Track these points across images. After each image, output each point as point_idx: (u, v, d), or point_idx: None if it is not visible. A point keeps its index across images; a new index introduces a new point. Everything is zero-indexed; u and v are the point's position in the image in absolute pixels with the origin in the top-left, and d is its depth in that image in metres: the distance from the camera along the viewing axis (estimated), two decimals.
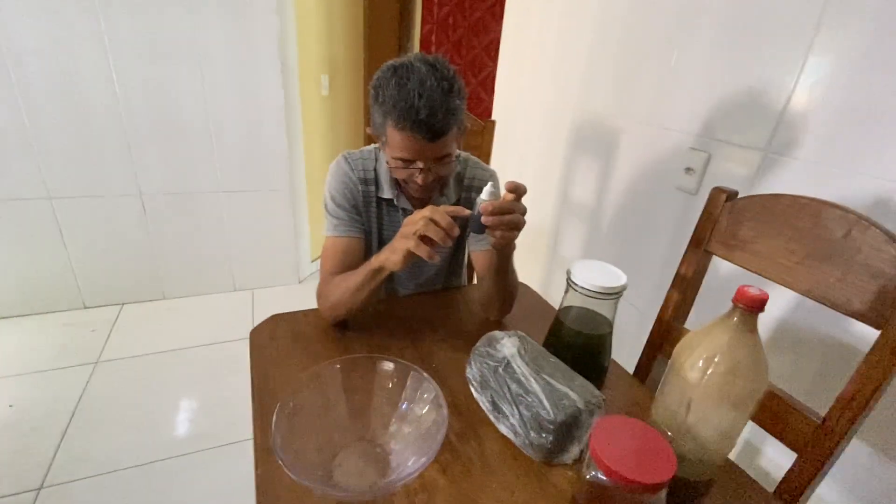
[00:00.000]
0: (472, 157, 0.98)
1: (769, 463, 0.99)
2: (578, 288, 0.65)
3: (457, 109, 0.74)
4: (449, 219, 0.64)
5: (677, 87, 1.13)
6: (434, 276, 1.04)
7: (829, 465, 0.61)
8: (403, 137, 0.74)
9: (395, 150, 0.77)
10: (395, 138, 0.75)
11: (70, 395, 1.55)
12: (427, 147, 0.75)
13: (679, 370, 0.50)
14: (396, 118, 0.72)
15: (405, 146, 0.75)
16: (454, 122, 0.75)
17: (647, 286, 1.26)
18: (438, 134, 0.73)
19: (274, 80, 1.94)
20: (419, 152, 0.76)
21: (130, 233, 1.98)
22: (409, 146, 0.75)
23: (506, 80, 1.87)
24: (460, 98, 0.75)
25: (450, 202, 0.92)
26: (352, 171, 0.90)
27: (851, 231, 0.59)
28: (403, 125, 0.72)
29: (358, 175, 0.90)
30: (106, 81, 1.72)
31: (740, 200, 0.73)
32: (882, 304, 0.56)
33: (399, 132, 0.73)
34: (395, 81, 0.72)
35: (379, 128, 0.78)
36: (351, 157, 0.91)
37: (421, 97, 0.70)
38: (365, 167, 0.90)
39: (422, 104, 0.70)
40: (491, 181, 0.65)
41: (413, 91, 0.70)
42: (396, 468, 0.56)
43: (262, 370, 0.72)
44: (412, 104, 0.70)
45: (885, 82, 0.77)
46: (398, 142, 0.75)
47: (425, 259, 0.66)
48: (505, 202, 0.66)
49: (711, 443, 0.51)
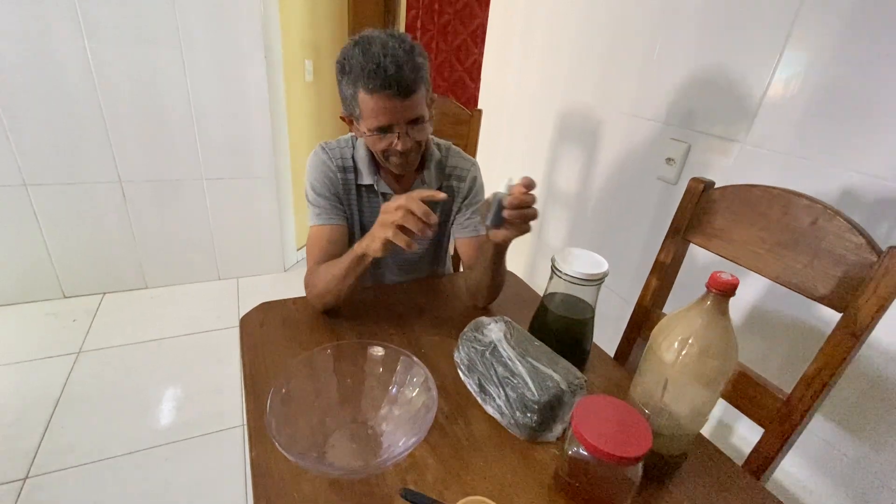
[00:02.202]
0: (453, 147, 1.00)
1: (740, 440, 1.04)
2: (562, 275, 0.67)
3: (421, 67, 0.77)
4: (425, 207, 0.65)
5: (660, 78, 1.16)
6: (420, 263, 1.05)
7: (793, 439, 0.65)
8: (376, 100, 0.75)
9: (369, 118, 0.78)
10: (367, 105, 0.76)
11: (53, 385, 1.53)
12: (400, 106, 0.76)
13: (656, 352, 0.53)
14: (366, 80, 0.73)
15: (379, 109, 0.76)
16: (421, 80, 0.77)
17: (628, 273, 1.30)
18: (408, 89, 0.75)
19: (257, 65, 1.90)
20: (393, 113, 0.77)
21: (110, 221, 1.94)
22: (383, 107, 0.76)
23: (492, 68, 1.88)
24: (423, 58, 0.78)
25: (430, 189, 0.94)
26: (330, 160, 0.91)
27: (818, 220, 0.63)
28: (374, 85, 0.73)
29: (336, 164, 0.91)
30: (82, 66, 1.67)
31: (716, 191, 0.76)
32: (844, 289, 0.60)
33: (371, 96, 0.75)
34: (358, 50, 0.74)
35: (350, 102, 0.80)
36: (328, 147, 0.92)
37: (386, 56, 0.72)
38: (343, 155, 0.92)
39: (388, 62, 0.72)
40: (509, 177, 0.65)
41: (377, 53, 0.72)
42: (387, 448, 0.59)
43: (252, 357, 0.73)
44: (379, 62, 0.72)
45: (856, 77, 0.80)
46: (371, 107, 0.76)
47: (404, 248, 0.67)
48: (529, 196, 0.68)
49: (685, 419, 0.54)
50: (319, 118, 2.56)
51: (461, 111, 1.32)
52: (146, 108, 1.81)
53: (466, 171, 0.97)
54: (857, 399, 0.84)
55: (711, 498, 0.56)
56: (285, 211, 2.31)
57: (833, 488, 0.90)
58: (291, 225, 2.42)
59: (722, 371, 0.51)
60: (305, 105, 2.39)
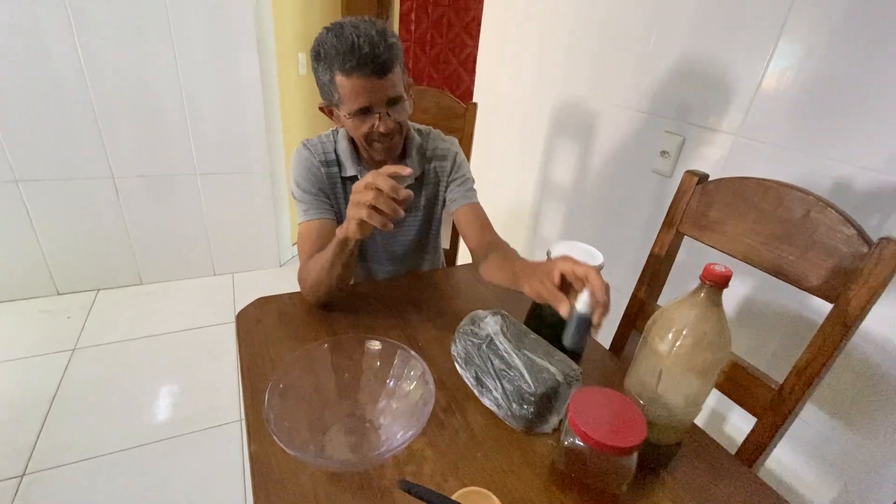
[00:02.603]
0: (433, 130, 1.01)
1: (733, 429, 1.06)
2: None
3: (395, 47, 0.77)
4: (392, 182, 0.63)
5: (654, 70, 1.16)
6: (408, 253, 1.05)
7: (784, 427, 0.66)
8: (353, 81, 0.75)
9: (348, 101, 0.78)
10: (345, 87, 0.76)
11: (48, 382, 1.52)
12: (377, 86, 0.76)
13: (650, 343, 0.54)
14: (342, 62, 0.74)
15: (357, 90, 0.76)
16: (396, 59, 0.77)
17: (623, 266, 1.31)
18: (384, 68, 0.75)
19: (250, 59, 1.88)
20: (371, 93, 0.77)
21: (103, 216, 1.92)
22: (361, 88, 0.76)
23: (487, 62, 1.87)
24: (395, 38, 0.78)
25: (414, 175, 0.95)
26: (312, 155, 0.92)
27: (810, 212, 0.63)
28: (350, 66, 0.74)
29: (319, 158, 0.92)
30: (73, 60, 1.65)
31: (710, 183, 0.77)
32: (835, 280, 0.61)
33: (347, 77, 0.75)
34: (331, 34, 0.75)
35: (328, 88, 0.80)
36: (310, 143, 0.93)
37: (359, 37, 0.73)
38: (325, 150, 0.93)
39: (362, 42, 0.73)
40: (584, 291, 0.56)
41: (350, 34, 0.73)
42: (386, 441, 0.59)
43: (249, 352, 0.73)
44: (353, 43, 0.73)
45: (849, 69, 0.81)
46: (349, 89, 0.76)
47: (381, 228, 0.65)
48: (608, 302, 0.57)
49: (679, 409, 0.55)
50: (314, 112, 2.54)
51: (456, 105, 1.31)
52: (138, 103, 1.79)
53: (446, 150, 0.99)
54: (848, 388, 0.86)
55: (705, 486, 0.57)
56: (280, 206, 2.30)
57: (824, 476, 0.91)
58: (286, 220, 2.41)
59: (715, 361, 0.52)
60: (299, 99, 2.38)
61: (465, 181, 0.99)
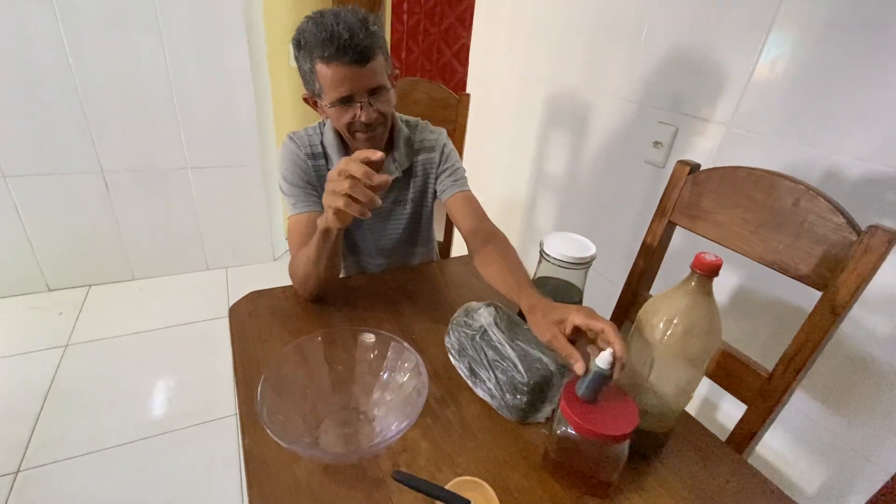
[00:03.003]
0: (421, 121, 1.00)
1: (724, 416, 1.07)
2: (550, 258, 0.68)
3: (376, 34, 0.76)
4: (365, 168, 0.61)
5: (647, 61, 1.15)
6: (399, 245, 1.04)
7: (774, 414, 0.67)
8: (334, 69, 0.74)
9: (329, 90, 0.77)
10: (326, 76, 0.75)
11: (41, 378, 1.51)
12: (358, 74, 0.75)
13: (642, 332, 0.54)
14: (322, 49, 0.73)
15: (337, 78, 0.75)
16: (378, 47, 0.76)
17: (617, 257, 1.31)
18: (365, 56, 0.74)
19: (239, 49, 1.86)
20: (352, 81, 0.76)
21: (93, 211, 1.90)
22: (342, 76, 0.75)
23: (480, 53, 1.85)
24: (377, 26, 0.77)
25: (401, 168, 0.94)
26: (298, 148, 0.91)
27: (800, 201, 0.64)
28: (329, 53, 0.73)
29: (305, 151, 0.91)
30: (58, 51, 1.62)
31: (702, 173, 0.77)
32: (824, 268, 0.61)
33: (328, 65, 0.74)
34: (311, 23, 0.74)
35: (309, 77, 0.79)
36: (296, 136, 0.92)
37: (339, 24, 0.72)
38: (311, 143, 0.92)
39: (341, 29, 0.72)
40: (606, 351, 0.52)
41: (330, 22, 0.72)
42: (380, 432, 0.59)
43: (242, 346, 0.73)
44: (332, 31, 0.72)
45: (840, 59, 0.81)
46: (330, 77, 0.75)
47: (359, 216, 0.63)
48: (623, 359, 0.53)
49: (670, 397, 0.55)
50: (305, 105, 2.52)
51: (448, 95, 1.31)
52: (126, 95, 1.76)
53: (434, 141, 0.97)
54: (837, 375, 0.87)
55: (695, 472, 0.58)
56: (273, 200, 2.28)
57: (814, 461, 0.93)
58: (280, 214, 2.40)
59: (706, 349, 0.52)
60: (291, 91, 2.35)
61: (455, 171, 0.98)
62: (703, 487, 0.56)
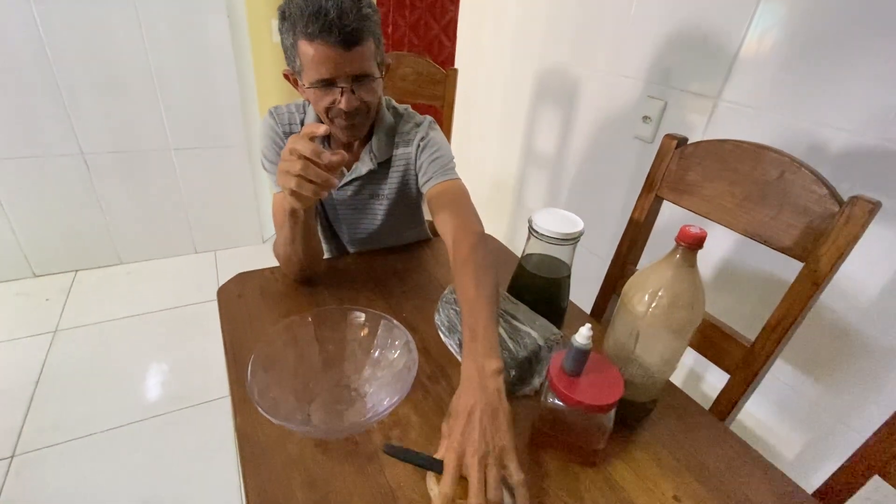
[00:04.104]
0: (408, 110, 0.93)
1: (708, 386, 1.10)
2: (539, 235, 0.68)
3: (369, 18, 0.70)
4: (312, 145, 0.58)
5: (636, 35, 1.14)
6: (377, 236, 0.98)
7: (756, 382, 0.69)
8: (316, 48, 0.68)
9: (310, 69, 0.71)
10: (307, 55, 0.69)
11: (31, 364, 1.51)
12: (343, 58, 0.69)
13: (628, 305, 0.55)
14: (305, 25, 0.67)
15: (319, 59, 0.69)
16: (368, 32, 0.70)
17: (606, 233, 1.32)
18: (352, 38, 0.68)
19: (220, 25, 1.79)
20: (336, 65, 0.70)
21: (75, 195, 1.86)
22: (324, 57, 0.69)
23: (468, 27, 1.81)
24: (371, 9, 0.71)
25: (377, 161, 0.88)
26: (277, 125, 0.87)
27: (785, 173, 0.64)
28: (313, 30, 0.67)
29: (283, 129, 0.88)
30: (30, 30, 1.55)
31: (689, 146, 0.77)
32: (807, 239, 0.62)
33: (310, 43, 0.68)
34: None
35: (290, 53, 0.73)
36: (277, 112, 0.88)
37: (328, 0, 0.66)
38: (291, 121, 0.88)
39: (330, 5, 0.66)
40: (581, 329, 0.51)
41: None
42: (371, 409, 0.60)
43: (232, 327, 0.73)
44: (320, 6, 0.66)
45: (827, 32, 0.80)
46: (311, 56, 0.69)
47: (314, 197, 0.61)
48: None
49: (655, 368, 0.56)
50: None
51: (436, 71, 1.28)
52: (103, 73, 1.70)
53: (413, 133, 0.88)
54: (817, 344, 0.89)
55: (679, 439, 0.60)
56: (260, 181, 2.25)
57: (794, 428, 0.96)
58: (267, 195, 2.36)
59: (690, 321, 0.53)
60: (274, 68, 2.29)
61: (433, 161, 0.86)
62: (686, 454, 0.58)
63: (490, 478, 0.45)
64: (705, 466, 0.56)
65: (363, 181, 0.90)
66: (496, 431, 0.48)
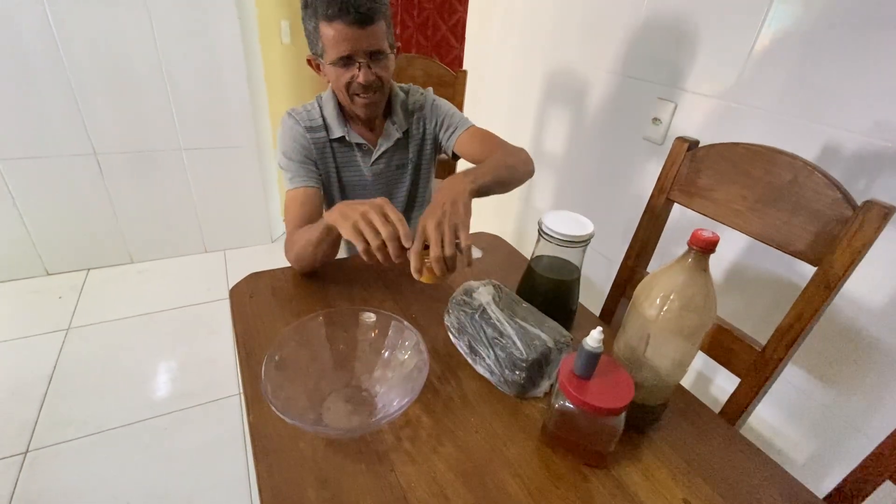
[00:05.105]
0: (413, 86, 1.03)
1: (718, 390, 1.09)
2: (549, 237, 0.68)
3: (381, 1, 0.79)
4: (406, 230, 0.63)
5: (646, 35, 1.14)
6: (409, 200, 1.06)
7: (767, 387, 0.68)
8: (335, 28, 0.78)
9: (330, 49, 0.80)
10: (328, 35, 0.79)
11: (44, 361, 1.53)
12: (359, 35, 0.79)
13: (639, 308, 0.55)
14: (325, 8, 0.76)
15: (338, 37, 0.78)
16: (379, 12, 0.80)
17: (615, 235, 1.31)
18: (366, 17, 0.78)
19: (230, 26, 1.81)
20: (353, 41, 0.79)
21: (88, 195, 1.89)
22: (343, 35, 0.78)
23: (476, 28, 1.82)
24: None
25: (401, 130, 0.98)
26: (297, 123, 0.93)
27: (797, 177, 0.64)
28: (332, 11, 0.76)
29: (304, 125, 0.93)
30: (44, 31, 1.57)
31: (701, 149, 0.76)
32: (820, 243, 0.62)
33: (330, 24, 0.78)
34: None
35: (313, 37, 0.82)
36: (294, 112, 0.95)
37: None
38: (310, 116, 0.94)
39: None
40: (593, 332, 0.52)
41: None
42: (382, 409, 0.61)
43: (244, 327, 0.74)
44: None
45: (841, 32, 0.80)
46: (331, 36, 0.79)
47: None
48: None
49: (666, 371, 0.56)
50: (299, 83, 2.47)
51: (446, 72, 1.29)
52: (115, 74, 1.73)
53: (422, 99, 1.00)
54: (829, 348, 0.89)
55: (690, 443, 0.60)
56: (269, 181, 2.27)
57: (805, 433, 0.96)
58: (276, 195, 2.38)
59: (701, 325, 0.53)
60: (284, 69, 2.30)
61: (449, 117, 1.00)
62: (696, 457, 0.58)
63: (445, 237, 0.62)
64: (716, 470, 0.56)
65: (390, 153, 1.00)
66: (454, 213, 0.65)
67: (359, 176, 1.00)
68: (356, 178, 1.00)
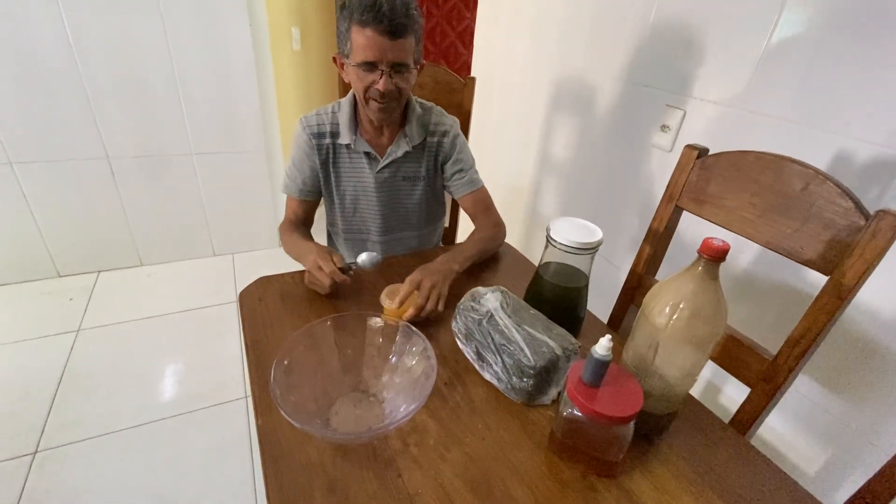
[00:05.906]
0: (436, 107, 1.05)
1: (728, 400, 1.08)
2: (557, 244, 0.68)
3: (414, 18, 0.82)
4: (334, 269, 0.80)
5: (655, 42, 1.14)
6: (410, 215, 1.09)
7: (777, 397, 0.68)
8: (366, 34, 0.80)
9: (357, 52, 0.82)
10: (358, 39, 0.81)
11: (54, 362, 1.55)
12: (387, 45, 0.81)
13: (648, 316, 0.55)
14: (361, 13, 0.78)
15: (367, 43, 0.80)
16: (412, 29, 0.82)
17: (623, 242, 1.31)
18: (398, 30, 0.80)
19: (242, 34, 1.84)
20: (380, 50, 0.81)
21: (100, 198, 1.91)
22: (371, 42, 0.80)
23: (485, 34, 1.83)
24: (417, 12, 0.83)
25: (412, 143, 0.98)
26: (303, 130, 0.97)
27: (809, 185, 0.63)
28: (366, 18, 0.78)
29: (311, 132, 0.97)
30: (60, 38, 1.60)
31: (710, 157, 0.76)
32: (832, 253, 0.61)
33: (361, 29, 0.80)
34: None
35: (343, 36, 0.84)
36: (306, 118, 0.98)
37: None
38: (320, 122, 0.97)
39: (384, 1, 0.78)
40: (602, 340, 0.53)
41: None
42: (389, 414, 0.61)
43: (253, 331, 0.74)
44: (376, 0, 0.78)
45: (851, 40, 0.79)
46: (361, 41, 0.81)
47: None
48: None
49: (675, 380, 0.56)
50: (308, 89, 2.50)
51: (454, 79, 1.29)
52: (129, 80, 1.75)
53: (448, 126, 1.02)
54: (841, 359, 0.87)
55: (699, 453, 0.59)
56: (278, 185, 2.28)
57: (816, 444, 0.94)
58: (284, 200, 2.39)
59: (711, 334, 0.53)
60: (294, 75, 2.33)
61: (467, 169, 1.03)
62: (706, 468, 0.57)
63: (431, 296, 0.77)
64: (726, 481, 0.56)
65: (398, 164, 1.01)
66: (444, 286, 0.81)
67: (363, 183, 1.02)
68: (360, 185, 1.02)
